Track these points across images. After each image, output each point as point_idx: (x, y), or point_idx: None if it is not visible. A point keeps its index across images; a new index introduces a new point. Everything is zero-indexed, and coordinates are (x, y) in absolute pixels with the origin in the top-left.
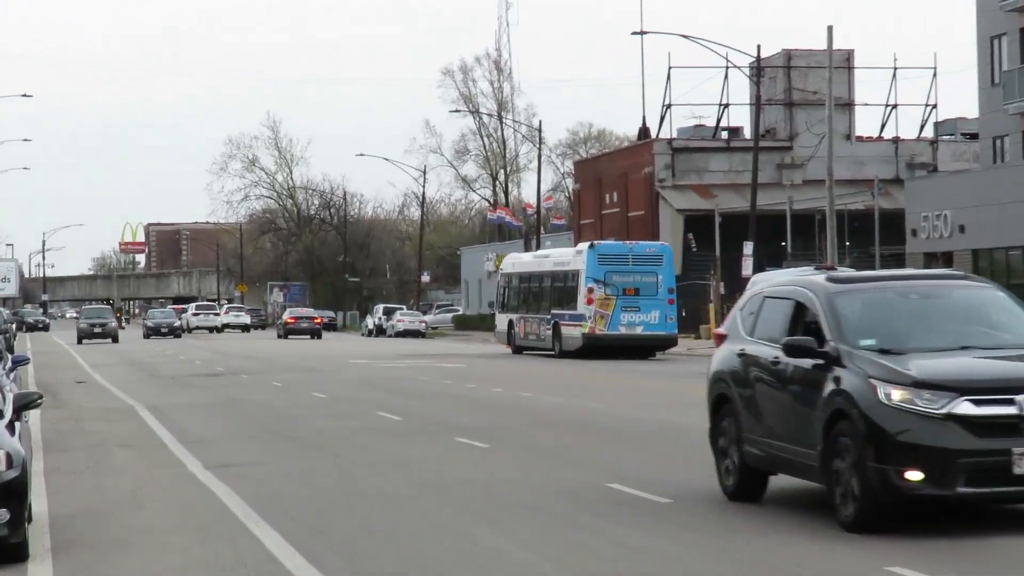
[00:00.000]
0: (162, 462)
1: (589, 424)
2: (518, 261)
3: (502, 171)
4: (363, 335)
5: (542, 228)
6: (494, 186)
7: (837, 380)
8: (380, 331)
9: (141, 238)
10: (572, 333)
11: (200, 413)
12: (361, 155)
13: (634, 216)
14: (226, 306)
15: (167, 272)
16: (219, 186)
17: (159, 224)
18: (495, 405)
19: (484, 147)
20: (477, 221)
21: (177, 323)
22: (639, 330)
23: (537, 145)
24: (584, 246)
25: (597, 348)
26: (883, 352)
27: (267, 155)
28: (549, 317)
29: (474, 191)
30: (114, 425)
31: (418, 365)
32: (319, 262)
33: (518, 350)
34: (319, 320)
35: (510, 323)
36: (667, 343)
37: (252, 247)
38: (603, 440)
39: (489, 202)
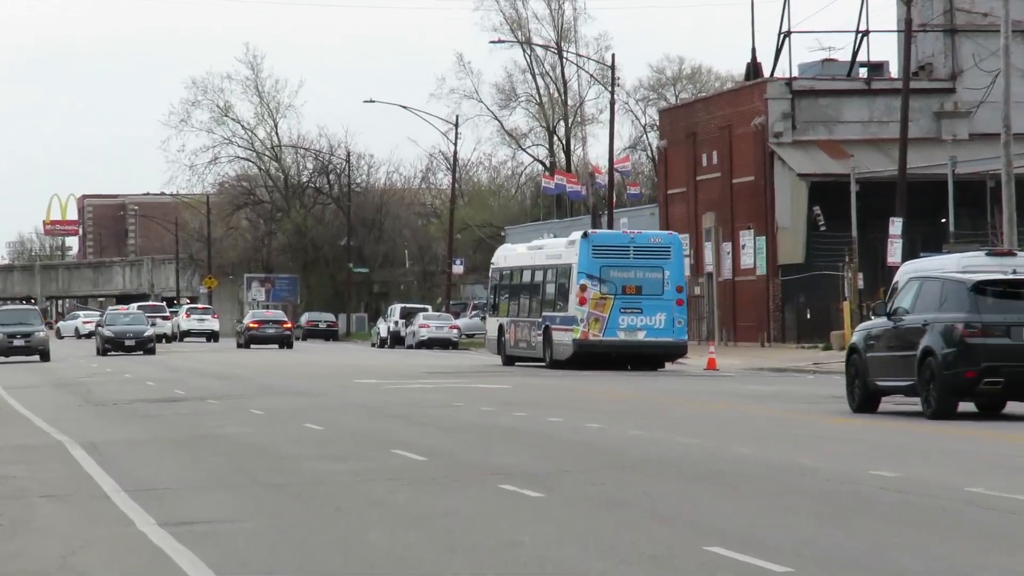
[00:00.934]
0: (102, 518)
1: (680, 465)
2: (511, 254)
3: (562, 123)
4: (374, 345)
5: (615, 200)
6: (551, 143)
7: None
8: (397, 340)
9: (73, 215)
10: (563, 339)
11: (153, 452)
12: (371, 102)
13: (740, 183)
14: (186, 307)
15: (108, 261)
16: (179, 144)
17: (97, 196)
18: (552, 440)
19: (538, 91)
20: (528, 191)
21: (149, 331)
22: (641, 335)
23: (610, 88)
24: (577, 235)
25: (590, 356)
26: None
27: (244, 102)
28: (540, 320)
29: (524, 150)
30: (36, 469)
31: (448, 386)
32: (314, 247)
33: (509, 360)
34: (289, 325)
35: (500, 329)
36: (674, 351)
37: (223, 227)
38: (700, 487)
39: (544, 165)
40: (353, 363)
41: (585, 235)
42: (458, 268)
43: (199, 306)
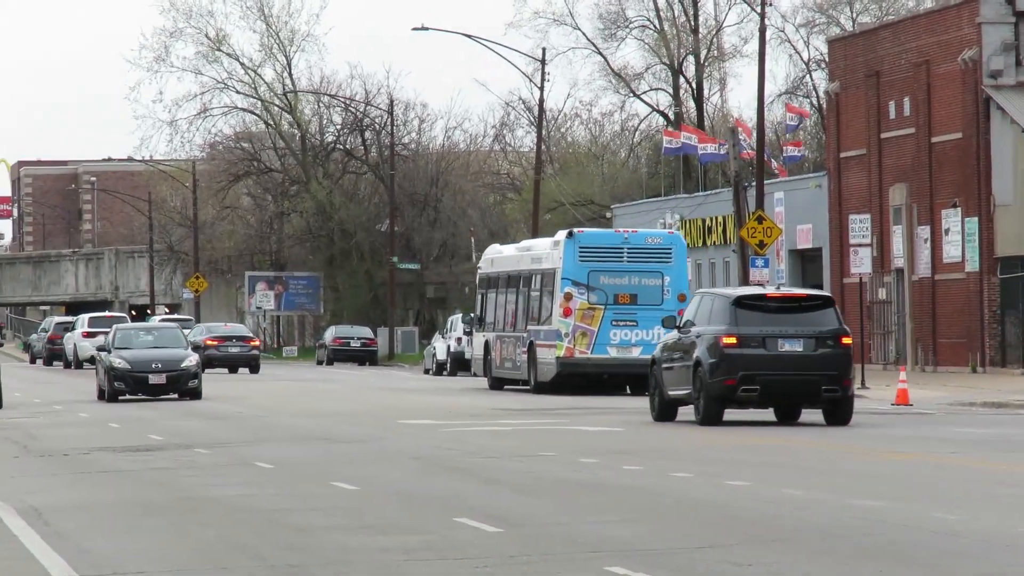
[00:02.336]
0: None
1: (855, 537)
2: (498, 257)
3: (691, 59)
4: (428, 371)
5: (767, 166)
6: (676, 87)
7: None
8: (460, 364)
9: (5, 191)
10: (546, 357)
11: (120, 521)
12: (422, 29)
13: (943, 143)
14: (156, 319)
15: (55, 255)
16: (154, 91)
17: (40, 163)
18: (679, 504)
19: (658, 13)
20: (644, 153)
21: (190, 359)
22: (636, 352)
23: (759, 8)
24: (562, 235)
25: (577, 377)
26: None
27: (245, 31)
28: (525, 335)
29: (638, 97)
30: None
31: (534, 428)
32: (343, 234)
33: (496, 383)
34: (256, 342)
35: (486, 345)
36: None
37: (216, 206)
38: (884, 568)
39: (667, 118)
40: (400, 397)
41: (570, 234)
42: None
43: (172, 316)
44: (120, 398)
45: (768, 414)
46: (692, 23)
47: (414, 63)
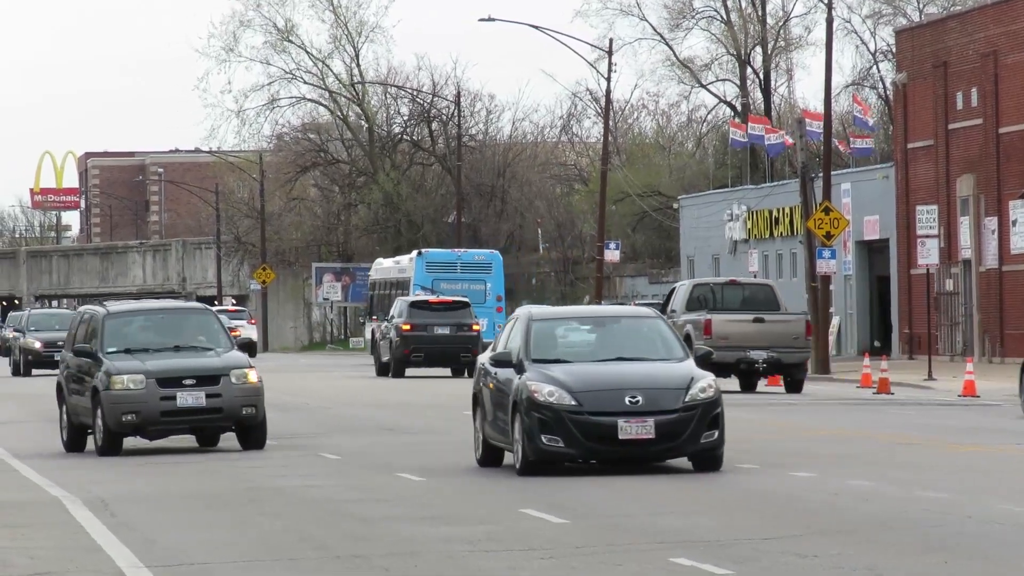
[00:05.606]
0: None
1: (920, 529)
2: (380, 268)
3: (759, 50)
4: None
5: (835, 156)
6: (743, 78)
7: None
8: None
9: (72, 182)
10: None
11: (184, 512)
12: (488, 20)
13: (1010, 133)
14: (215, 309)
15: (122, 246)
16: (222, 82)
17: (106, 155)
18: (744, 495)
19: (724, 5)
20: (711, 144)
21: (709, 391)
22: None
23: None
24: (414, 254)
25: None
26: None
27: (313, 21)
28: None
29: (705, 88)
30: (23, 536)
31: None
32: (410, 226)
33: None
34: (235, 332)
35: (372, 334)
36: None
37: (283, 197)
38: (949, 559)
39: (734, 109)
40: (463, 389)
41: (420, 253)
42: (612, 254)
43: (229, 307)
44: (547, 468)
45: (446, 372)
46: (759, 13)
47: (481, 54)
